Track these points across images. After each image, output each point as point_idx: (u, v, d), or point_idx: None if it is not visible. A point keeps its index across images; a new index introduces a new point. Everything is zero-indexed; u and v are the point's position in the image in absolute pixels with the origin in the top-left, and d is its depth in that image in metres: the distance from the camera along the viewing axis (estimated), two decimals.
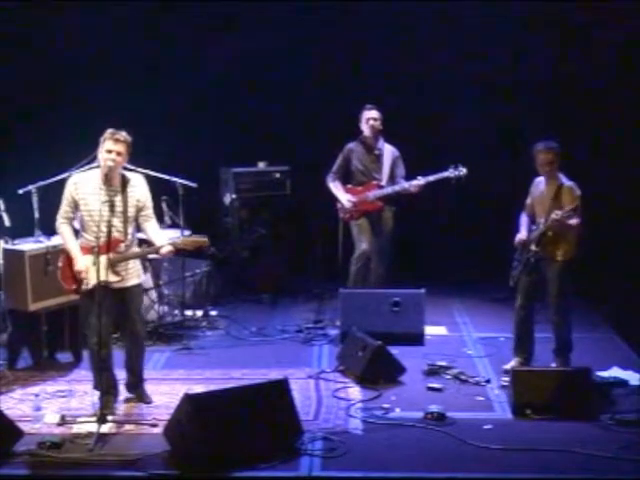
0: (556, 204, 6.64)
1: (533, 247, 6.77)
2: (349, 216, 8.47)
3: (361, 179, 8.47)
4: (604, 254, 9.11)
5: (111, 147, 6.06)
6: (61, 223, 6.27)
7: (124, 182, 6.20)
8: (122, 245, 6.19)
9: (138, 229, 6.40)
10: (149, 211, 6.33)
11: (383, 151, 8.44)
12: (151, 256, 7.52)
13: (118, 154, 6.07)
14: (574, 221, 6.59)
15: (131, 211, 6.20)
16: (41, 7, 9.31)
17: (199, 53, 9.75)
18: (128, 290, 6.30)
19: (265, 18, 9.69)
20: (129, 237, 6.23)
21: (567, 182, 6.77)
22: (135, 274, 6.36)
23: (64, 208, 6.25)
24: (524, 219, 7.00)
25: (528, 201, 7.00)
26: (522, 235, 6.92)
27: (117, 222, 6.14)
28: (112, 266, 6.11)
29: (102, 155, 6.10)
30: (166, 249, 6.24)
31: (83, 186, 6.16)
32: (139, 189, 6.26)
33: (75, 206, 6.19)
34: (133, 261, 6.33)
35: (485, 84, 9.64)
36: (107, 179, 6.07)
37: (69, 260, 6.25)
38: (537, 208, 6.88)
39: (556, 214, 6.53)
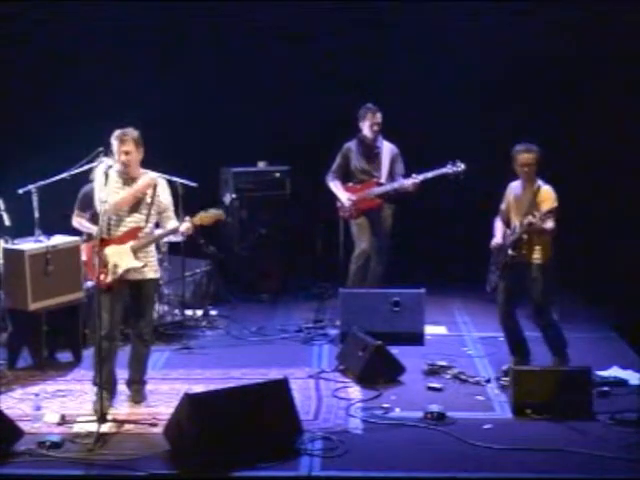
0: (533, 207, 6.61)
1: (510, 252, 6.75)
2: (349, 215, 8.47)
3: (361, 178, 8.48)
4: (604, 254, 9.12)
5: (119, 148, 6.20)
6: (103, 202, 6.22)
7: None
8: (142, 233, 6.30)
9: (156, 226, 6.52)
10: (170, 213, 6.48)
11: (382, 149, 8.44)
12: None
13: (127, 153, 6.20)
14: (549, 225, 6.57)
15: (153, 210, 6.32)
16: (42, 6, 9.31)
17: (199, 52, 9.74)
18: (145, 283, 6.37)
19: (265, 18, 9.68)
20: (147, 230, 6.34)
21: (544, 185, 6.74)
22: (154, 268, 6.45)
23: (100, 195, 6.23)
24: (499, 224, 6.98)
25: (503, 206, 6.97)
26: (497, 239, 6.91)
27: (138, 214, 6.28)
28: (135, 253, 6.25)
29: (116, 156, 6.23)
30: (185, 226, 6.40)
31: (108, 178, 6.20)
32: (161, 192, 6.39)
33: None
34: (152, 255, 6.44)
35: (484, 82, 9.63)
36: (125, 174, 6.21)
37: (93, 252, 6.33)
38: (512, 212, 6.85)
39: (533, 215, 6.50)
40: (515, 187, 6.89)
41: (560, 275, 6.92)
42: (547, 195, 6.67)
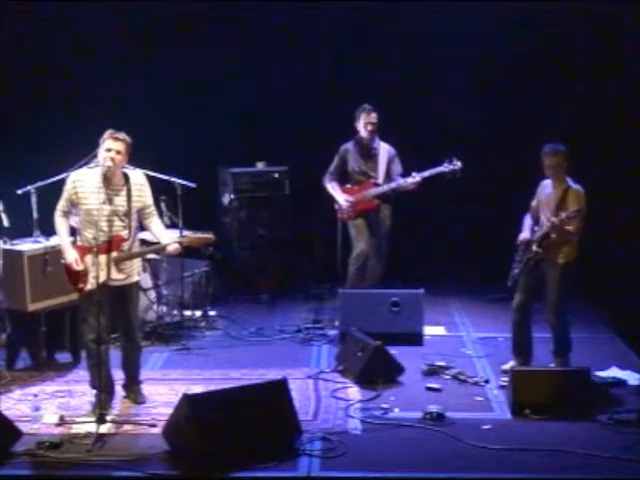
0: (562, 207, 6.62)
1: (534, 247, 6.77)
2: (347, 216, 8.47)
3: (358, 179, 8.48)
4: (604, 254, 9.11)
5: (110, 146, 6.09)
6: (58, 216, 6.29)
7: (127, 180, 6.22)
8: (126, 243, 6.21)
9: (141, 228, 6.42)
10: (151, 209, 6.38)
11: (379, 150, 8.44)
12: (151, 255, 7.55)
13: (117, 152, 6.10)
14: (572, 227, 6.59)
15: (133, 209, 6.22)
16: (39, 7, 9.32)
17: (199, 52, 9.73)
18: (128, 287, 6.33)
19: (264, 18, 9.68)
20: (132, 235, 6.26)
21: (574, 185, 6.74)
22: (136, 271, 6.41)
23: (62, 203, 6.29)
24: (527, 221, 6.98)
25: (533, 203, 6.98)
26: (525, 235, 6.91)
27: (118, 221, 6.16)
28: (117, 264, 6.15)
29: (102, 155, 6.12)
30: (173, 247, 6.30)
31: (83, 185, 6.17)
32: (140, 187, 6.29)
33: (72, 204, 6.21)
34: (136, 258, 6.37)
35: (483, 82, 9.64)
36: (106, 178, 6.09)
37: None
38: (542, 210, 6.86)
39: (560, 216, 6.52)
40: (546, 185, 6.89)
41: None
42: (575, 196, 6.67)
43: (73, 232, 6.36)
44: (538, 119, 9.37)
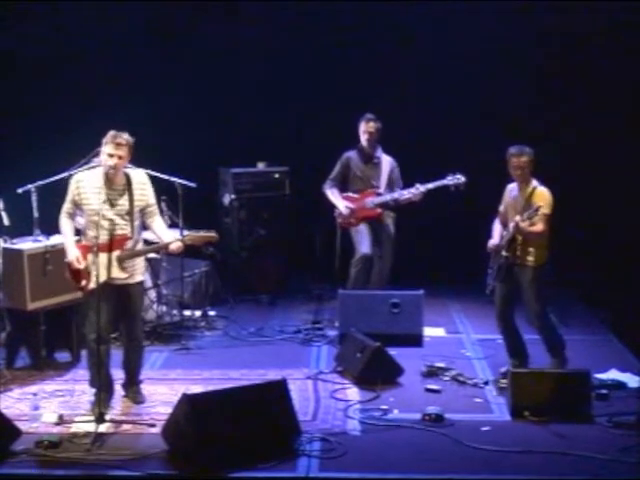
0: (528, 209, 6.57)
1: (504, 252, 6.73)
2: (348, 223, 8.45)
3: (360, 186, 8.46)
4: (603, 257, 9.12)
5: (112, 151, 6.08)
6: (63, 217, 6.33)
7: (128, 180, 6.22)
8: (129, 242, 6.21)
9: (143, 227, 6.43)
10: (153, 208, 6.38)
11: (381, 159, 8.44)
12: (152, 255, 7.55)
13: (120, 158, 6.10)
14: (537, 228, 6.56)
15: (136, 209, 6.23)
16: (41, 7, 9.33)
17: (199, 52, 9.74)
18: (132, 287, 6.33)
19: (265, 19, 9.69)
20: (135, 234, 6.26)
21: (540, 187, 6.71)
22: (140, 271, 6.41)
23: (67, 205, 6.30)
24: (496, 226, 6.95)
25: (501, 208, 6.94)
26: (494, 240, 6.88)
27: (120, 220, 6.17)
28: (120, 263, 6.15)
29: (104, 157, 6.12)
30: (175, 245, 6.30)
31: (85, 185, 6.17)
32: (142, 186, 6.29)
33: (76, 205, 6.22)
34: (139, 258, 6.38)
35: (483, 87, 9.64)
36: (108, 179, 6.10)
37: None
38: (509, 214, 6.81)
39: (522, 217, 6.49)
40: (512, 188, 6.87)
41: (557, 278, 6.91)
42: (541, 197, 6.64)
43: (78, 233, 6.38)
44: (542, 131, 9.34)
